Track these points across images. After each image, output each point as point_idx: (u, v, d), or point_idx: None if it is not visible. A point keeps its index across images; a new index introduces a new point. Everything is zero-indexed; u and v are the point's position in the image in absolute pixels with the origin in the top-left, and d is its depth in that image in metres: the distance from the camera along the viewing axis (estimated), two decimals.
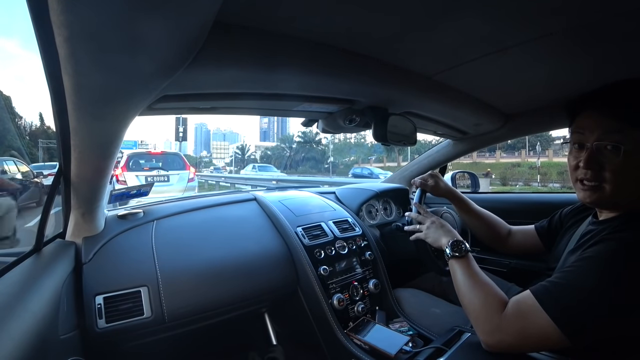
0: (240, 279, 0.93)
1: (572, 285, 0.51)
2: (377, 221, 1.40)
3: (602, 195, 0.56)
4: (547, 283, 0.54)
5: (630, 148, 0.53)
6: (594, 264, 0.51)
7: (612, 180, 0.55)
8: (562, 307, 0.50)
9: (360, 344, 0.89)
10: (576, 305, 0.49)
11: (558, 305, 0.50)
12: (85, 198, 0.80)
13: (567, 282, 0.52)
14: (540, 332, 0.51)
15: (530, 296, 0.54)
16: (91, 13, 0.32)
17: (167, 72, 0.49)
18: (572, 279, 0.52)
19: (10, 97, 43.11)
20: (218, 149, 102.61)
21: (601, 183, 0.56)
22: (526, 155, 26.97)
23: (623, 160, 0.53)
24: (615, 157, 0.54)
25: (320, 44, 0.62)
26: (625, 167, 0.53)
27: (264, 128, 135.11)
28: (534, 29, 0.58)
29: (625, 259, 0.49)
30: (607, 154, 0.55)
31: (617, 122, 0.54)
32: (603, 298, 0.48)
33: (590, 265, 0.51)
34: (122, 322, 0.75)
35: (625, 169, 0.54)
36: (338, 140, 41.60)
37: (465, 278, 0.65)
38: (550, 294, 0.52)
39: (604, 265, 0.50)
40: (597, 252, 0.52)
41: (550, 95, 0.98)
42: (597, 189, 0.57)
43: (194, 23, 0.40)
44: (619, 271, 0.49)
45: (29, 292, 0.56)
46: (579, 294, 0.50)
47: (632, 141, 0.53)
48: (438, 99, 0.94)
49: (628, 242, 0.51)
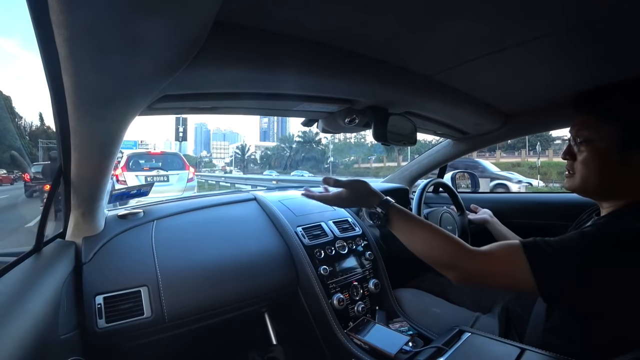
0: (240, 278, 0.93)
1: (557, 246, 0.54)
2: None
3: (573, 183, 0.64)
4: (538, 238, 0.57)
5: (598, 142, 0.59)
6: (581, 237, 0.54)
7: (580, 170, 0.62)
8: (542, 260, 0.54)
9: (360, 344, 0.89)
10: (554, 265, 0.53)
11: (540, 256, 0.54)
12: (85, 198, 0.80)
13: (555, 243, 0.55)
14: (515, 274, 0.56)
15: (517, 243, 0.58)
16: (91, 13, 0.32)
17: (167, 72, 0.49)
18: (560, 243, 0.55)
19: (10, 97, 43.14)
20: (218, 149, 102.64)
21: (575, 173, 0.64)
22: (526, 155, 26.97)
23: (589, 153, 0.60)
24: (584, 150, 0.61)
25: (320, 44, 0.62)
26: (590, 159, 0.60)
27: (264, 128, 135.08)
28: (534, 29, 0.58)
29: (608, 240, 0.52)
30: (580, 147, 0.62)
31: (591, 119, 0.60)
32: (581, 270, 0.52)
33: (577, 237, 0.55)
34: (122, 322, 0.75)
35: (590, 161, 0.60)
36: (338, 140, 41.68)
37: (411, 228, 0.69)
38: (536, 245, 0.56)
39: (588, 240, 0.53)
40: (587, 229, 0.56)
41: (550, 95, 0.98)
42: (570, 177, 0.65)
43: (194, 23, 0.40)
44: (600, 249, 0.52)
45: (29, 292, 0.56)
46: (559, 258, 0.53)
47: (600, 136, 0.58)
48: (438, 98, 0.94)
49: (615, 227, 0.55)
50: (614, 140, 0.57)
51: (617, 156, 0.57)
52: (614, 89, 0.59)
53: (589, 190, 0.63)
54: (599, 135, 0.58)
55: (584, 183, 0.62)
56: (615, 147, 0.57)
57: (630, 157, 0.56)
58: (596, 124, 0.59)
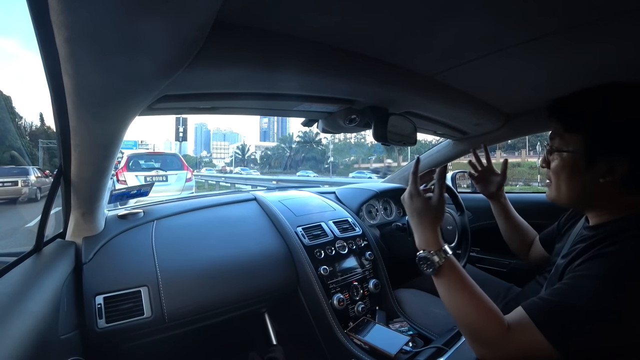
0: (240, 278, 0.93)
1: (564, 304, 0.50)
2: (377, 221, 1.40)
3: (550, 193, 0.63)
4: (539, 300, 0.52)
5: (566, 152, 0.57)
6: (587, 284, 0.50)
7: (553, 179, 0.61)
8: (554, 327, 0.49)
9: (360, 344, 0.89)
10: (568, 325, 0.48)
11: (550, 324, 0.49)
12: (86, 198, 0.80)
13: (560, 301, 0.50)
14: (539, 351, 0.49)
15: (524, 314, 0.52)
16: (91, 13, 0.32)
17: (167, 72, 0.49)
18: (565, 297, 0.50)
19: (10, 97, 43.12)
20: (218, 149, 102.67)
21: (551, 182, 0.62)
22: (526, 155, 26.95)
23: (559, 162, 0.59)
24: (554, 158, 0.60)
25: (320, 44, 0.62)
26: (560, 168, 0.59)
27: (264, 128, 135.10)
28: (534, 29, 0.58)
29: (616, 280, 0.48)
30: (551, 156, 0.61)
31: (559, 127, 0.59)
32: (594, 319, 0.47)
33: (582, 284, 0.50)
34: (122, 322, 0.75)
35: (560, 170, 0.59)
36: (338, 140, 41.69)
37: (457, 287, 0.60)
38: (542, 312, 0.51)
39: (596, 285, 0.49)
40: (589, 270, 0.51)
41: (550, 95, 0.96)
42: (549, 187, 0.64)
43: (194, 23, 0.40)
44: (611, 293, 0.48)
45: (29, 292, 0.56)
46: (571, 314, 0.49)
47: (567, 145, 0.57)
48: (438, 99, 0.94)
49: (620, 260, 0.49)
50: (579, 150, 0.55)
51: (583, 165, 0.55)
52: (581, 96, 0.57)
53: (562, 200, 0.60)
54: (565, 144, 0.57)
55: (557, 192, 0.60)
56: (581, 156, 0.55)
57: (595, 166, 0.54)
58: (563, 133, 0.58)
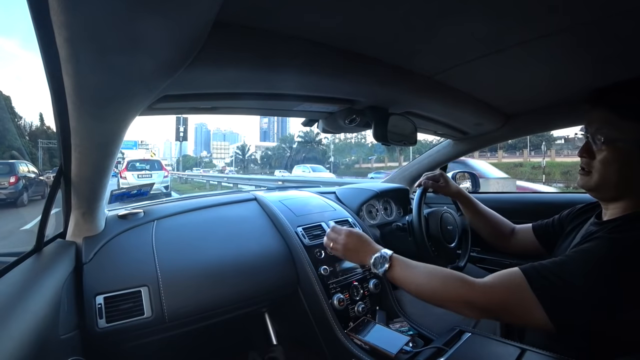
0: (240, 278, 0.93)
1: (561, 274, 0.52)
2: (378, 221, 1.40)
3: (589, 181, 0.62)
4: (538, 265, 0.55)
5: (621, 142, 0.56)
6: (584, 260, 0.52)
7: (598, 169, 0.59)
8: (549, 293, 0.51)
9: (360, 344, 0.89)
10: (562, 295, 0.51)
11: (546, 289, 0.52)
12: (86, 198, 0.80)
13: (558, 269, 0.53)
14: (525, 309, 0.53)
15: (518, 273, 0.55)
16: (92, 13, 0.32)
17: (168, 72, 0.49)
18: (563, 268, 0.53)
19: (10, 97, 43.15)
20: (218, 149, 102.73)
21: (591, 170, 0.61)
22: (528, 155, 26.90)
23: (610, 151, 0.57)
24: (604, 148, 0.58)
25: (320, 44, 0.62)
26: (610, 158, 0.58)
27: (264, 128, 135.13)
28: (534, 28, 0.58)
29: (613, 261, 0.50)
30: (599, 145, 0.59)
31: (611, 116, 0.58)
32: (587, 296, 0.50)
33: (581, 258, 0.53)
34: (123, 322, 0.75)
35: (611, 160, 0.58)
36: (339, 140, 41.66)
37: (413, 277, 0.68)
38: (539, 275, 0.53)
39: (592, 262, 0.51)
40: (590, 248, 0.53)
41: (551, 95, 0.98)
42: (586, 175, 0.62)
43: (194, 23, 0.40)
44: (606, 272, 0.50)
45: (30, 292, 0.56)
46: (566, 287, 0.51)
47: (623, 135, 0.56)
48: (438, 98, 0.94)
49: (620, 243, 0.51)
50: (636, 140, 0.54)
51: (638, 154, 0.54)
52: (636, 85, 0.57)
53: (605, 190, 0.60)
54: (621, 134, 0.56)
55: (602, 183, 0.59)
56: (637, 146, 0.54)
57: None
58: (617, 122, 0.56)
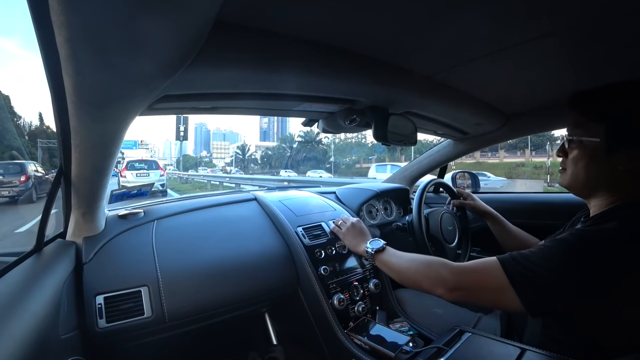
0: (240, 278, 0.93)
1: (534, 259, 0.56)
2: (378, 221, 1.40)
3: (565, 179, 0.67)
4: (515, 253, 0.60)
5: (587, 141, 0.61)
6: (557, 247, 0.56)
7: (570, 166, 0.65)
8: (521, 274, 0.56)
9: (360, 344, 0.89)
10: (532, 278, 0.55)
11: (517, 272, 0.56)
12: (86, 198, 0.80)
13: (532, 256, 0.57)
14: (497, 289, 0.58)
15: (494, 259, 0.60)
16: (91, 13, 0.32)
17: (168, 72, 0.49)
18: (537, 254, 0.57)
19: (9, 96, 43.17)
20: (218, 149, 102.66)
21: (566, 168, 0.67)
22: (530, 155, 26.83)
23: (579, 151, 0.63)
24: (574, 147, 0.63)
25: (320, 44, 0.62)
26: (578, 156, 0.63)
27: (264, 128, 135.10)
28: (533, 29, 0.58)
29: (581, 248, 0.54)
30: (571, 145, 0.64)
31: (581, 118, 0.63)
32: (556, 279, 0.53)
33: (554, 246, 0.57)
34: (123, 322, 0.75)
35: (579, 159, 0.63)
36: (339, 139, 41.63)
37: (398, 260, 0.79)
38: (514, 261, 0.58)
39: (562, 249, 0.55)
40: (564, 237, 0.57)
41: (551, 95, 0.98)
42: (563, 174, 0.68)
43: (194, 23, 0.40)
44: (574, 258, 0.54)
45: (30, 292, 0.56)
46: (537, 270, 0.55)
47: (589, 134, 0.61)
48: (438, 98, 0.94)
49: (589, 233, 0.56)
50: (601, 139, 0.59)
51: (603, 155, 0.59)
52: (607, 90, 0.61)
53: (577, 187, 0.66)
54: (588, 134, 0.61)
55: (573, 180, 0.65)
56: (602, 145, 0.59)
57: (615, 156, 0.58)
58: (587, 123, 0.62)
